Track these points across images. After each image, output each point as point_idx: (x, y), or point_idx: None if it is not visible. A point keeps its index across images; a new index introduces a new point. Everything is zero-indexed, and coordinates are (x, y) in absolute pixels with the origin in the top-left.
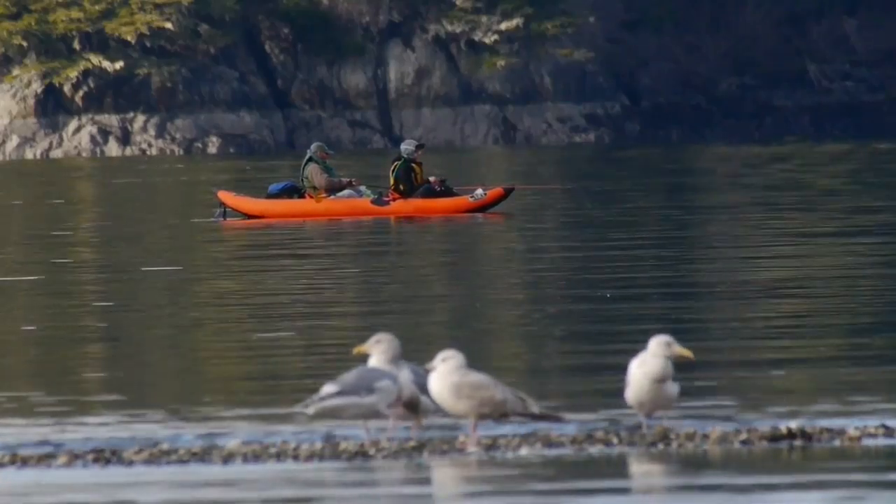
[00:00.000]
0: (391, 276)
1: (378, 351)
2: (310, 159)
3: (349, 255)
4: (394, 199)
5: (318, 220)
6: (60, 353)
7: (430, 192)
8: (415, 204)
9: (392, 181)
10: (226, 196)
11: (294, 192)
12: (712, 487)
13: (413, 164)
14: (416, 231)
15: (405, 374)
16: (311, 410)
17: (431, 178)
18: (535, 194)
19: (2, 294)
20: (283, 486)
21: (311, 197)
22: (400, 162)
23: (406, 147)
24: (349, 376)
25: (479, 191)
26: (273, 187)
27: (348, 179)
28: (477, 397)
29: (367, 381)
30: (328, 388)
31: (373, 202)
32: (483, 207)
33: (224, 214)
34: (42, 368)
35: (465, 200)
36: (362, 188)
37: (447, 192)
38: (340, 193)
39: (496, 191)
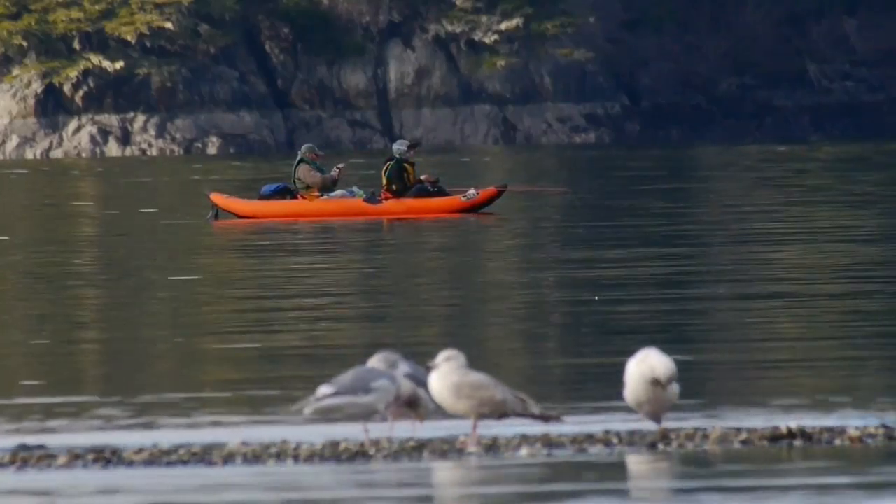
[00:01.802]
0: (387, 276)
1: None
2: (301, 160)
3: (344, 256)
4: (386, 199)
5: (311, 220)
6: (60, 354)
7: (423, 192)
8: (407, 204)
9: (384, 181)
10: (217, 197)
11: (287, 193)
12: (713, 488)
13: (406, 164)
14: (408, 231)
15: (402, 371)
16: (307, 410)
17: (423, 177)
18: (529, 194)
19: (1, 294)
20: (283, 487)
21: (304, 197)
22: (392, 162)
23: (398, 147)
24: (346, 377)
25: (472, 191)
26: (266, 188)
27: (337, 169)
28: (477, 397)
29: (364, 381)
30: (324, 389)
31: (365, 202)
32: (475, 207)
33: (216, 215)
34: (41, 369)
35: (457, 200)
36: (355, 188)
37: (440, 192)
38: (333, 193)
39: (489, 190)
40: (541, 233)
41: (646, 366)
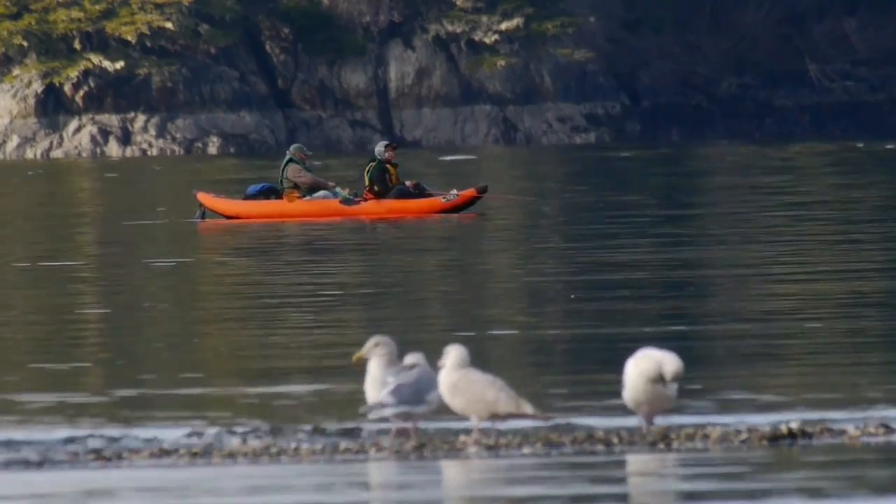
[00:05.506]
0: (383, 276)
1: (377, 355)
2: (290, 160)
3: (338, 256)
4: (367, 200)
5: (294, 220)
6: (59, 354)
7: (405, 193)
8: (387, 205)
9: (367, 182)
10: (204, 197)
11: (272, 193)
12: (713, 488)
13: (388, 165)
14: (392, 231)
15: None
16: (371, 415)
17: (407, 182)
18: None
19: None
20: (283, 487)
21: (285, 198)
22: (374, 163)
23: (377, 148)
24: (406, 386)
25: (453, 192)
26: (251, 189)
27: (331, 182)
28: (468, 395)
29: (422, 393)
30: (387, 398)
31: (340, 202)
32: (456, 208)
33: (203, 215)
34: (40, 368)
35: (438, 201)
36: (338, 189)
37: (421, 193)
38: (316, 195)
39: (469, 192)
40: (535, 232)
41: (653, 362)
